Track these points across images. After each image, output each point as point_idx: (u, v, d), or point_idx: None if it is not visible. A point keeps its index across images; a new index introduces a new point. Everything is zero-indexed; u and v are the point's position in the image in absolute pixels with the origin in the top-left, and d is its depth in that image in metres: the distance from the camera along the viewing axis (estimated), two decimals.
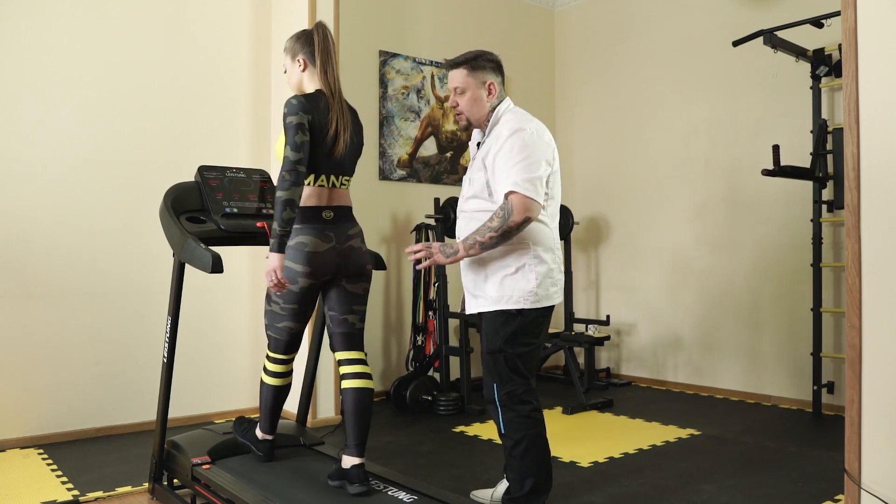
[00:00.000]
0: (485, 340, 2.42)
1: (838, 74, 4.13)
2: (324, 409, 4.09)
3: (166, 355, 2.81)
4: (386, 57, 4.93)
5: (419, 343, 4.59)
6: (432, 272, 4.63)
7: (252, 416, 2.86)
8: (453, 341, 4.98)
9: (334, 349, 2.53)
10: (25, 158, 3.61)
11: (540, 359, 4.55)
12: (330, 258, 2.40)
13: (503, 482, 2.71)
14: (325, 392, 4.09)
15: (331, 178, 2.44)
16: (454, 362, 4.84)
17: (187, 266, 2.71)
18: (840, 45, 3.91)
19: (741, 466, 3.24)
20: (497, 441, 3.63)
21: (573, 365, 4.71)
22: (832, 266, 4.17)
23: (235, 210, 2.84)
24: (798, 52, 4.20)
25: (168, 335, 2.79)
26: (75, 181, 3.75)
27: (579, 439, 3.69)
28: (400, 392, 4.35)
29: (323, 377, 3.99)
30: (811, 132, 4.24)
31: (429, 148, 5.17)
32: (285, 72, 2.57)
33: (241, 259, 4.19)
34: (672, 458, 3.37)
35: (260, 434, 2.67)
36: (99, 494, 2.89)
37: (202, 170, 2.89)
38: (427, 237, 4.63)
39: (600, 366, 5.57)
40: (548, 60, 6.01)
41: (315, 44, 2.45)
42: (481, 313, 2.44)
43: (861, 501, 2.25)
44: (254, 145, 4.35)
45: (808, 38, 4.23)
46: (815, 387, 4.13)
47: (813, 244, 4.15)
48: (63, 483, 3.01)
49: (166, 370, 2.80)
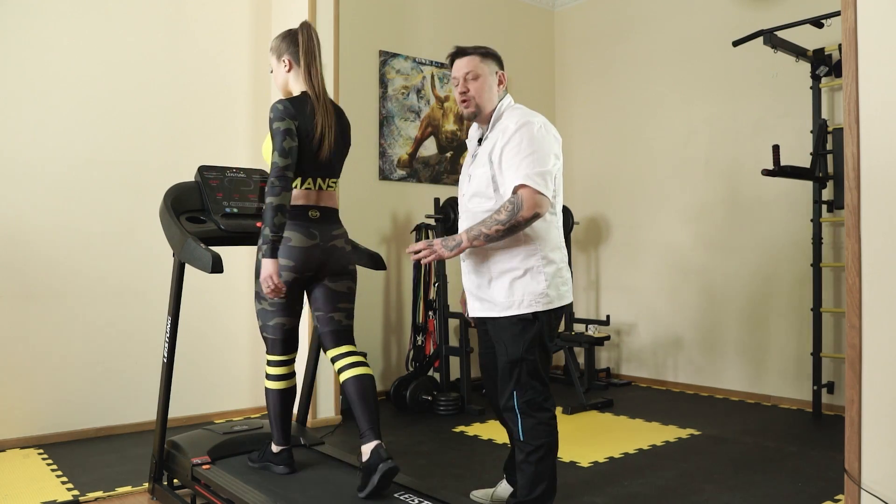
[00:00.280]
0: (502, 349, 2.32)
1: (838, 74, 4.13)
2: (324, 409, 4.09)
3: (166, 355, 2.81)
4: (386, 57, 4.93)
5: (419, 343, 4.59)
6: (432, 272, 4.63)
7: (266, 441, 2.71)
8: (453, 341, 4.98)
9: (325, 348, 2.53)
10: (25, 158, 3.62)
11: None
12: (314, 255, 2.41)
13: (502, 482, 2.71)
14: (325, 392, 4.09)
15: (317, 181, 2.45)
16: (454, 362, 4.84)
17: (187, 266, 2.71)
18: (840, 45, 3.91)
19: (741, 466, 3.24)
20: (497, 441, 3.63)
21: (573, 365, 4.71)
22: (832, 266, 4.17)
23: (235, 210, 2.84)
24: (798, 52, 4.20)
25: (168, 335, 2.79)
26: (75, 181, 3.75)
27: (579, 439, 3.69)
28: (400, 392, 4.35)
29: (323, 377, 3.99)
30: (811, 132, 4.24)
31: (429, 148, 5.17)
32: (272, 71, 2.57)
33: (241, 259, 4.19)
34: (672, 458, 3.37)
35: (275, 447, 2.55)
36: (99, 494, 2.89)
37: (202, 170, 2.89)
38: (427, 237, 4.63)
39: (600, 366, 5.57)
40: (548, 60, 6.02)
41: (300, 44, 2.43)
42: (485, 318, 2.38)
43: (861, 501, 2.25)
44: (254, 145, 4.34)
45: (808, 38, 4.23)
46: (815, 387, 4.13)
47: (813, 244, 4.15)
48: (63, 483, 3.01)
49: (166, 370, 2.80)
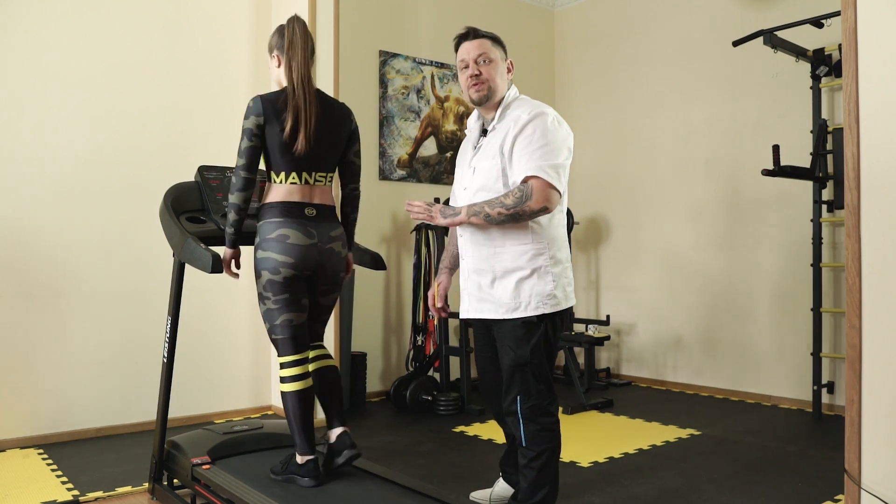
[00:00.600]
0: (507, 352, 2.27)
1: (838, 74, 4.13)
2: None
3: (166, 355, 2.81)
4: (386, 57, 4.93)
5: (419, 343, 4.59)
6: (432, 271, 4.62)
7: (289, 453, 2.59)
8: (453, 341, 4.98)
9: None
10: (25, 158, 3.61)
11: None
12: (312, 254, 2.39)
13: (499, 481, 2.71)
14: None
15: (302, 175, 2.40)
16: (454, 362, 4.84)
17: (187, 266, 2.71)
18: (840, 45, 3.91)
19: (741, 466, 3.24)
20: (497, 441, 3.63)
21: (573, 365, 4.71)
22: (832, 266, 4.17)
23: None
24: (798, 52, 4.20)
25: (168, 335, 2.79)
26: (75, 181, 3.75)
27: (579, 439, 3.69)
28: (400, 392, 4.35)
29: None
30: (811, 132, 4.24)
31: (429, 148, 5.17)
32: (270, 68, 2.57)
33: (242, 259, 4.16)
34: (672, 458, 3.37)
35: (299, 458, 2.38)
36: (99, 494, 2.89)
37: (202, 170, 2.89)
38: (427, 237, 4.63)
39: (600, 366, 5.58)
40: (548, 60, 6.02)
41: (285, 37, 2.43)
42: (486, 320, 2.34)
43: (861, 501, 2.25)
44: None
45: (808, 38, 4.23)
46: (815, 387, 4.13)
47: (813, 244, 4.14)
48: (63, 483, 3.01)
49: (166, 370, 2.80)
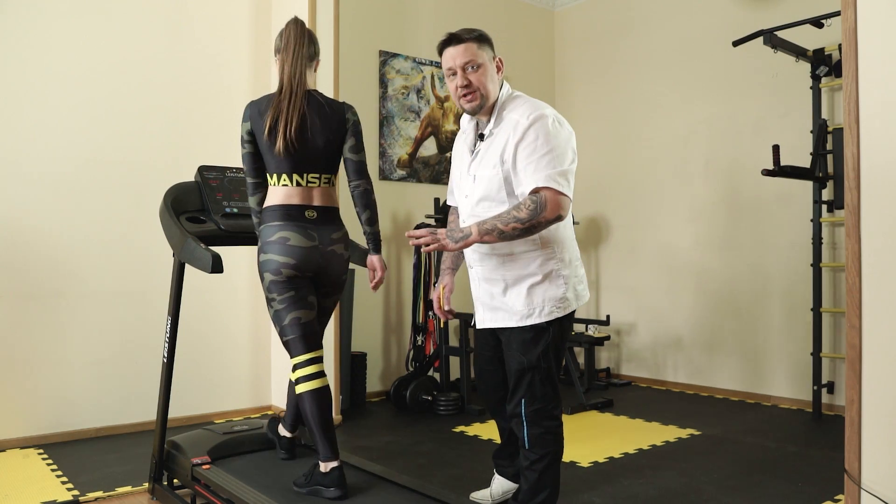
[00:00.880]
0: (514, 356, 2.24)
1: (838, 74, 4.13)
2: None
3: (166, 355, 2.81)
4: (386, 57, 4.93)
5: (419, 343, 4.59)
6: (432, 272, 4.62)
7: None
8: (453, 341, 4.98)
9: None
10: (25, 158, 3.61)
11: None
12: (313, 257, 2.36)
13: (495, 479, 2.70)
14: None
15: (293, 177, 2.35)
16: (454, 362, 4.84)
17: (187, 266, 2.71)
18: (840, 45, 3.91)
19: (741, 466, 3.24)
20: (497, 441, 3.62)
21: (573, 365, 4.71)
22: (832, 266, 4.17)
23: (235, 210, 2.84)
24: (798, 52, 4.20)
25: (168, 335, 2.79)
26: (75, 181, 3.75)
27: (579, 439, 3.69)
28: (400, 392, 4.35)
29: None
30: (811, 132, 4.24)
31: (429, 148, 5.17)
32: None
33: (241, 259, 4.19)
34: (672, 458, 3.37)
35: (323, 465, 2.29)
36: (99, 494, 2.89)
37: (202, 170, 2.89)
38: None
39: (600, 366, 5.58)
40: (548, 60, 6.01)
41: (282, 39, 2.43)
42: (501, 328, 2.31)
43: (861, 501, 2.25)
44: None
45: (808, 38, 4.23)
46: (815, 387, 4.13)
47: (813, 244, 4.15)
48: (63, 483, 3.01)
49: (166, 370, 2.80)
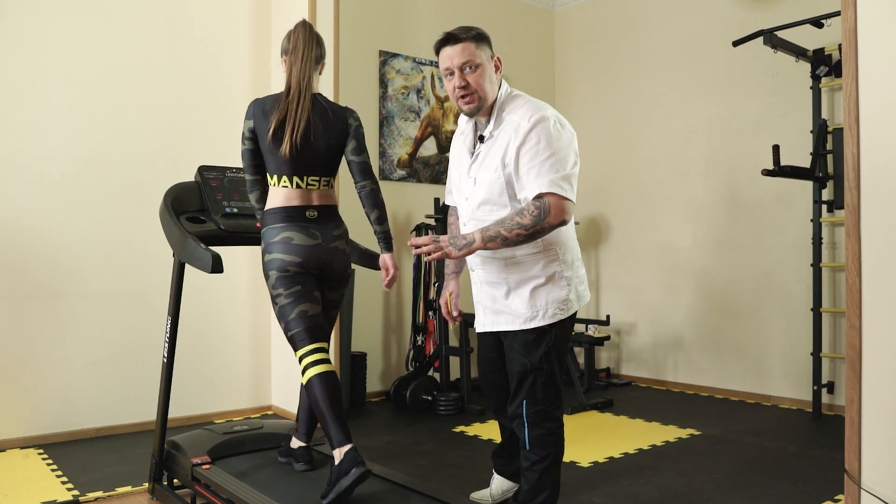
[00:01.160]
0: (516, 358, 2.24)
1: (838, 74, 4.13)
2: None
3: (166, 355, 2.81)
4: (386, 57, 4.93)
5: (419, 343, 4.59)
6: (432, 272, 4.62)
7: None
8: (453, 341, 4.98)
9: None
10: (25, 158, 3.61)
11: None
12: (317, 254, 2.40)
13: (494, 478, 2.70)
14: None
15: (294, 179, 2.37)
16: (454, 362, 4.84)
17: (187, 266, 2.71)
18: (840, 45, 3.91)
19: (741, 466, 3.24)
20: (497, 441, 3.62)
21: (573, 365, 4.71)
22: (832, 266, 4.17)
23: (235, 210, 2.84)
24: (798, 52, 4.20)
25: (168, 335, 2.79)
26: (75, 181, 3.75)
27: (579, 439, 3.68)
28: (400, 392, 4.35)
29: None
30: (811, 132, 4.24)
31: (429, 148, 5.17)
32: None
33: (241, 259, 4.19)
34: (672, 458, 3.37)
35: (336, 452, 2.17)
36: (99, 494, 2.89)
37: (202, 170, 2.89)
38: (428, 235, 4.63)
39: (600, 366, 5.57)
40: (548, 60, 6.01)
41: (290, 42, 2.45)
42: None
43: (861, 501, 2.25)
44: None
45: (808, 38, 4.23)
46: (815, 387, 4.13)
47: (813, 244, 4.15)
48: (63, 483, 3.01)
49: (166, 370, 2.80)
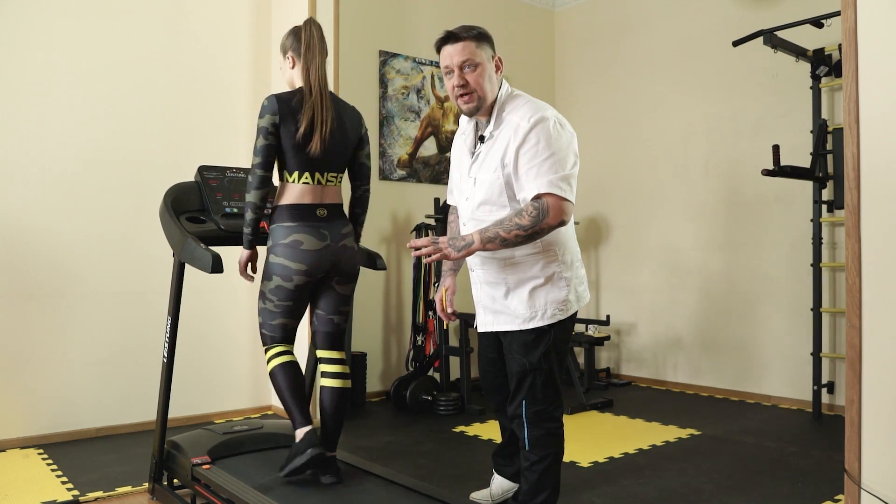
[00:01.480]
0: (514, 358, 2.24)
1: (838, 74, 4.13)
2: None
3: (166, 355, 2.81)
4: (386, 57, 4.93)
5: (419, 343, 4.59)
6: (432, 272, 4.62)
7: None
8: (453, 341, 4.98)
9: (316, 346, 2.58)
10: (26, 158, 3.61)
11: None
12: (325, 256, 2.42)
13: (495, 478, 2.71)
14: None
15: (315, 175, 2.44)
16: (454, 362, 4.84)
17: (187, 266, 2.71)
18: (840, 45, 3.91)
19: (741, 466, 3.24)
20: (497, 441, 3.63)
21: (573, 365, 4.71)
22: (832, 266, 4.17)
23: (235, 210, 2.84)
24: (798, 52, 4.20)
25: (168, 335, 2.79)
26: (75, 181, 3.75)
27: (579, 439, 3.68)
28: (400, 392, 4.35)
29: None
30: (811, 132, 4.24)
31: (429, 148, 5.17)
32: (281, 69, 2.60)
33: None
34: (672, 458, 3.37)
35: (298, 432, 2.38)
36: (99, 494, 2.89)
37: (202, 170, 2.89)
38: (427, 237, 4.63)
39: (600, 366, 5.57)
40: (548, 60, 6.01)
41: (302, 41, 2.47)
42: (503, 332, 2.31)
43: (861, 501, 2.25)
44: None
45: (808, 38, 4.23)
46: (815, 387, 4.13)
47: (813, 244, 4.15)
48: (63, 483, 3.01)
49: (166, 370, 2.80)
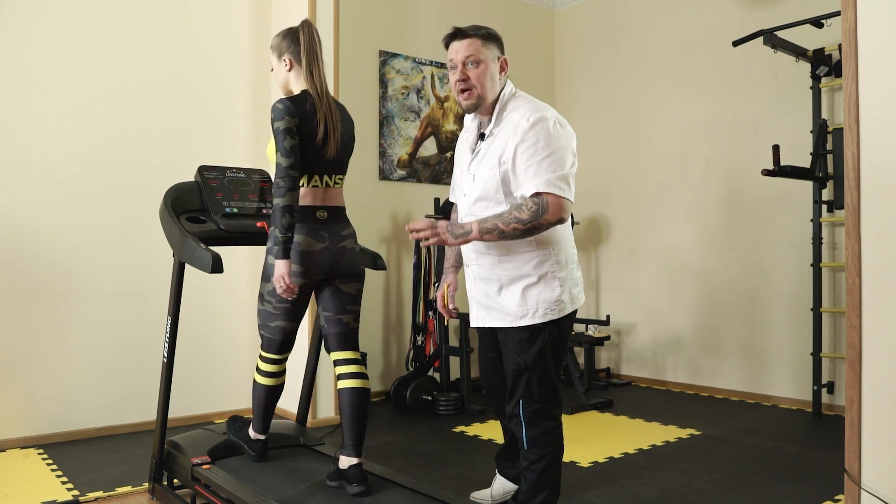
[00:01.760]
0: (510, 356, 2.25)
1: (838, 74, 4.13)
2: (324, 409, 4.09)
3: (166, 355, 2.81)
4: (386, 57, 4.93)
5: (419, 343, 4.59)
6: (432, 272, 4.62)
7: (247, 417, 2.83)
8: (453, 341, 4.98)
9: (329, 349, 2.55)
10: (26, 158, 3.61)
11: None
12: (324, 258, 2.41)
13: (497, 478, 2.71)
14: (325, 392, 4.09)
15: (324, 178, 2.44)
16: (454, 362, 4.84)
17: (187, 266, 2.71)
18: (840, 45, 3.91)
19: (741, 466, 3.24)
20: (497, 441, 3.63)
21: (573, 365, 4.71)
22: (832, 266, 4.17)
23: (235, 210, 2.84)
24: (798, 52, 4.20)
25: (168, 335, 2.79)
26: (75, 181, 3.75)
27: (579, 439, 3.68)
28: (400, 392, 4.35)
29: (323, 377, 3.99)
30: (811, 132, 4.24)
31: (429, 148, 5.17)
32: (272, 70, 2.57)
33: (241, 259, 4.19)
34: (672, 458, 3.37)
35: (252, 433, 2.65)
36: (99, 494, 2.89)
37: (202, 170, 2.89)
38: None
39: (600, 366, 5.58)
40: (548, 60, 6.01)
41: (301, 43, 2.42)
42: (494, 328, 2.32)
43: (861, 501, 2.25)
44: (254, 145, 4.34)
45: (808, 38, 4.23)
46: (815, 387, 4.13)
47: (813, 244, 4.15)
48: (63, 483, 3.01)
49: (166, 370, 2.80)
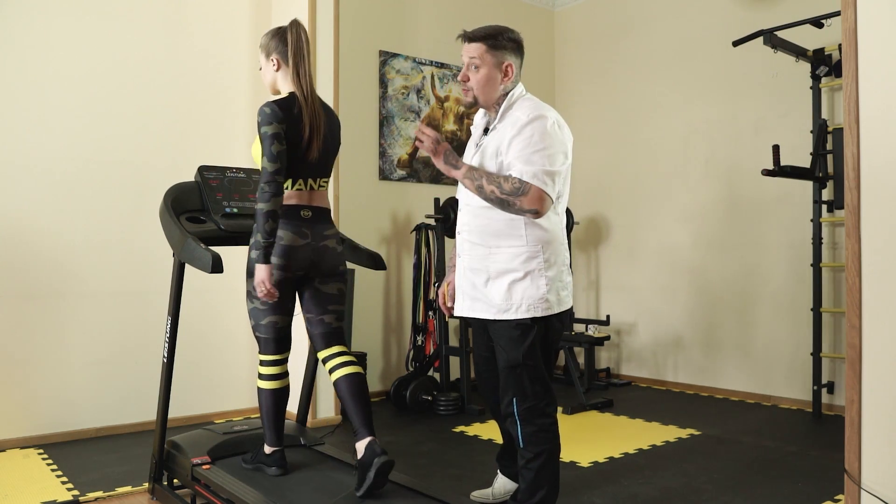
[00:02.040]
0: (502, 353, 2.27)
1: (838, 74, 4.13)
2: (324, 409, 4.09)
3: (166, 355, 2.81)
4: (386, 57, 4.93)
5: (419, 343, 4.59)
6: (432, 272, 4.62)
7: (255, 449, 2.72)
8: (453, 341, 4.98)
9: (316, 349, 2.55)
10: (26, 158, 3.61)
11: None
12: (305, 254, 2.42)
13: (498, 478, 2.71)
14: (325, 392, 4.09)
15: (308, 181, 2.45)
16: (454, 362, 4.84)
17: (187, 266, 2.71)
18: (840, 45, 3.91)
19: (741, 466, 3.24)
20: (497, 441, 3.63)
21: (573, 365, 4.71)
22: (832, 266, 4.17)
23: (235, 210, 2.85)
24: (798, 52, 4.20)
25: (168, 335, 2.79)
26: (75, 181, 3.75)
27: (579, 439, 3.69)
28: (400, 392, 4.35)
29: (323, 377, 3.99)
30: (811, 132, 4.24)
31: None
32: (260, 69, 2.56)
33: (241, 259, 4.14)
34: (672, 458, 3.37)
35: (267, 448, 2.55)
36: (99, 494, 2.89)
37: (202, 170, 2.90)
38: (427, 237, 4.63)
39: (600, 366, 5.58)
40: (548, 60, 6.01)
41: (289, 44, 2.42)
42: (480, 319, 2.34)
43: (861, 501, 2.25)
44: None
45: (808, 38, 4.23)
46: (815, 387, 4.13)
47: (813, 244, 4.15)
48: (63, 483, 3.01)
49: (166, 370, 2.80)
